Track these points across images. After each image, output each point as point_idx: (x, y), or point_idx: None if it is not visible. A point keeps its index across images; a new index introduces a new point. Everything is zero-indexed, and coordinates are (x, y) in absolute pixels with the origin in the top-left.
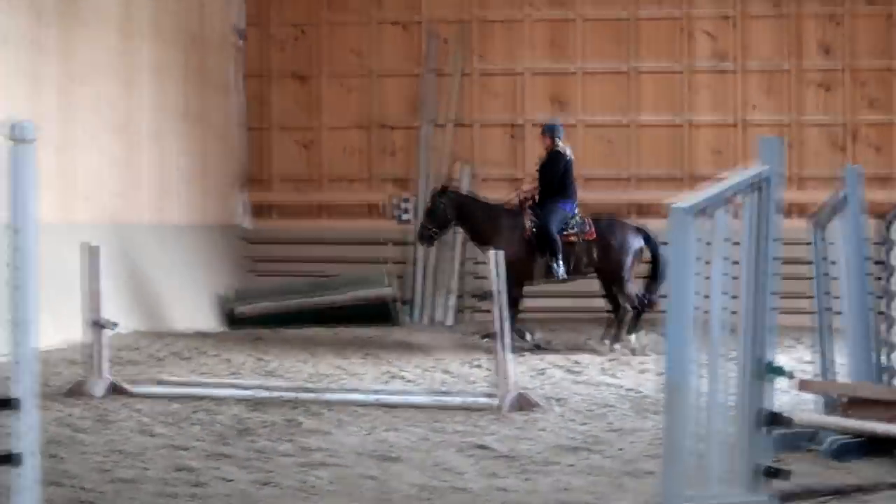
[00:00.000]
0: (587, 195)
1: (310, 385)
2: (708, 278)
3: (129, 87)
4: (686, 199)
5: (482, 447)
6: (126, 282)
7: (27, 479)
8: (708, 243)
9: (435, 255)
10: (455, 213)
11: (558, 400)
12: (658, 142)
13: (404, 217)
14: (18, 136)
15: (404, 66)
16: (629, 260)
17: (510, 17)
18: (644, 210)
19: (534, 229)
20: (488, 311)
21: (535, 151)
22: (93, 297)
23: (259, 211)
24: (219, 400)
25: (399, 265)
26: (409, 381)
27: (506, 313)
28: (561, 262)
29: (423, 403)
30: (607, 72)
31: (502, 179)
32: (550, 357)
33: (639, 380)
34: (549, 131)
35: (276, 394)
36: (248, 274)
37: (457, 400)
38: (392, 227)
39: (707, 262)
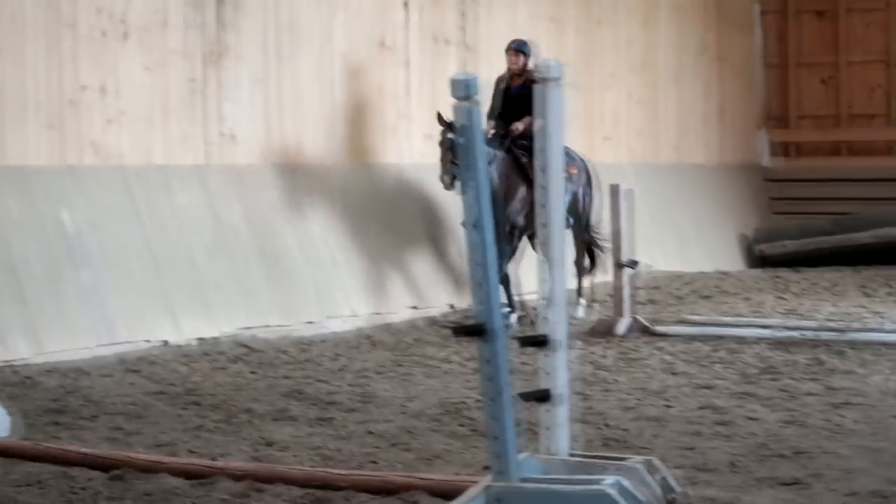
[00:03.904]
0: None
1: (832, 324)
2: None
3: (649, 27)
4: None
5: None
6: (647, 221)
7: (558, 416)
8: None
9: None
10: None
11: None
12: None
13: None
14: (546, 76)
15: None
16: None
17: None
18: None
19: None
20: None
21: None
22: (617, 238)
23: (778, 150)
24: (741, 339)
25: None
26: None
27: None
28: None
29: None
30: None
31: None
32: None
33: None
34: (525, 49)
35: (798, 333)
36: (767, 213)
37: None
38: None
39: None
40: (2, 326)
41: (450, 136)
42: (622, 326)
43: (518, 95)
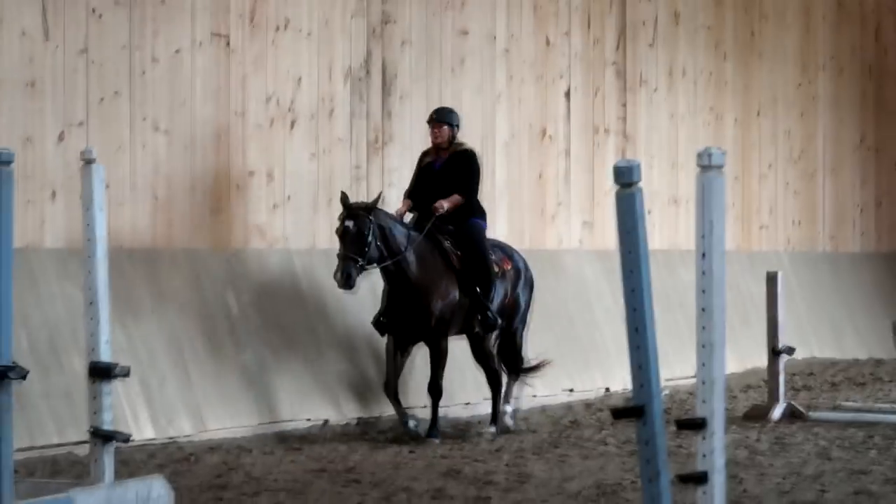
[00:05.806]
0: None
1: None
2: None
3: (807, 119)
4: None
5: None
6: (802, 309)
7: (713, 498)
8: None
9: None
10: (383, 240)
11: None
12: None
13: None
14: (708, 163)
15: None
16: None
17: None
18: None
19: (457, 255)
20: None
21: None
22: (772, 324)
23: None
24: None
25: None
26: None
27: None
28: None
29: None
30: None
31: None
32: None
33: None
34: (449, 119)
35: None
36: None
37: None
38: None
39: None
40: (166, 404)
41: (347, 223)
42: (777, 412)
43: (443, 171)
